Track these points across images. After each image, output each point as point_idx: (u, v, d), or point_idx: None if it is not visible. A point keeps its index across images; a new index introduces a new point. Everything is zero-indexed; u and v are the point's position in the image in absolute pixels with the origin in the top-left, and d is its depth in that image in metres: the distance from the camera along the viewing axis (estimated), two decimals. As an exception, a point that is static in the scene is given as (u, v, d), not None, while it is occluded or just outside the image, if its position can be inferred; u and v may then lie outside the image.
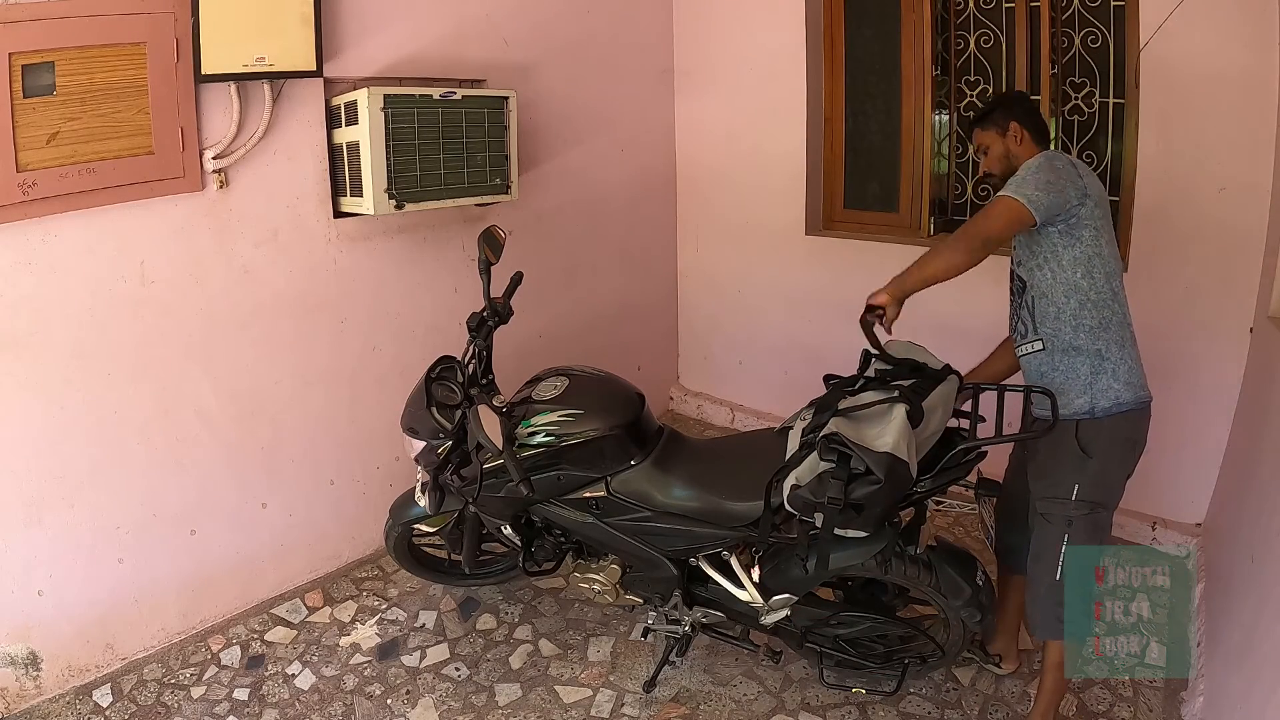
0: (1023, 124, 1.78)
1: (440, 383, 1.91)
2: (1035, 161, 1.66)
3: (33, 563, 2.04)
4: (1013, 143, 1.78)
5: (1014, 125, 1.78)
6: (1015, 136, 1.78)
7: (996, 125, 1.81)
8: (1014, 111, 1.80)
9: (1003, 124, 1.80)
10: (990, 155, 1.83)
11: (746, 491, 1.76)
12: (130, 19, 1.94)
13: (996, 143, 1.81)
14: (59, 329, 2.01)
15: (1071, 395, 1.69)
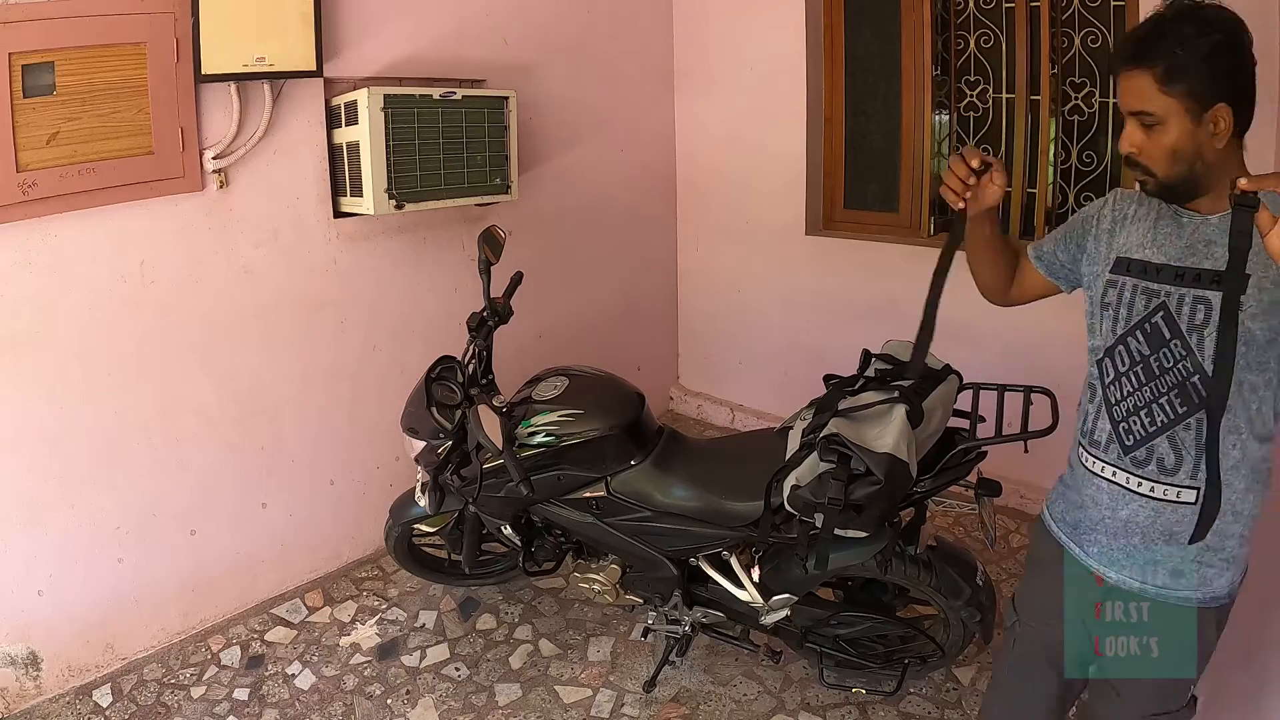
0: (1234, 109, 1.04)
1: (440, 383, 1.91)
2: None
3: (33, 563, 2.04)
4: (1208, 135, 1.05)
5: (1223, 109, 1.04)
6: (1215, 123, 1.04)
7: (1189, 90, 1.03)
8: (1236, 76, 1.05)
9: (1202, 94, 1.03)
10: (1157, 136, 1.07)
11: (746, 491, 1.76)
12: (130, 19, 1.94)
13: (1178, 120, 1.05)
14: (59, 329, 2.01)
15: (1210, 576, 1.17)
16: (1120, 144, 1.12)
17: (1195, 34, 1.02)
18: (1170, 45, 1.03)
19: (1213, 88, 1.03)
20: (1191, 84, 1.03)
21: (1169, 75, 1.03)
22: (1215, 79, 1.03)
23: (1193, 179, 1.09)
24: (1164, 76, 1.04)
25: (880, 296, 3.07)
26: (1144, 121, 1.08)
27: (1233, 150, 1.09)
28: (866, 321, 3.08)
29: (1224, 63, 1.03)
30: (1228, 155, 1.08)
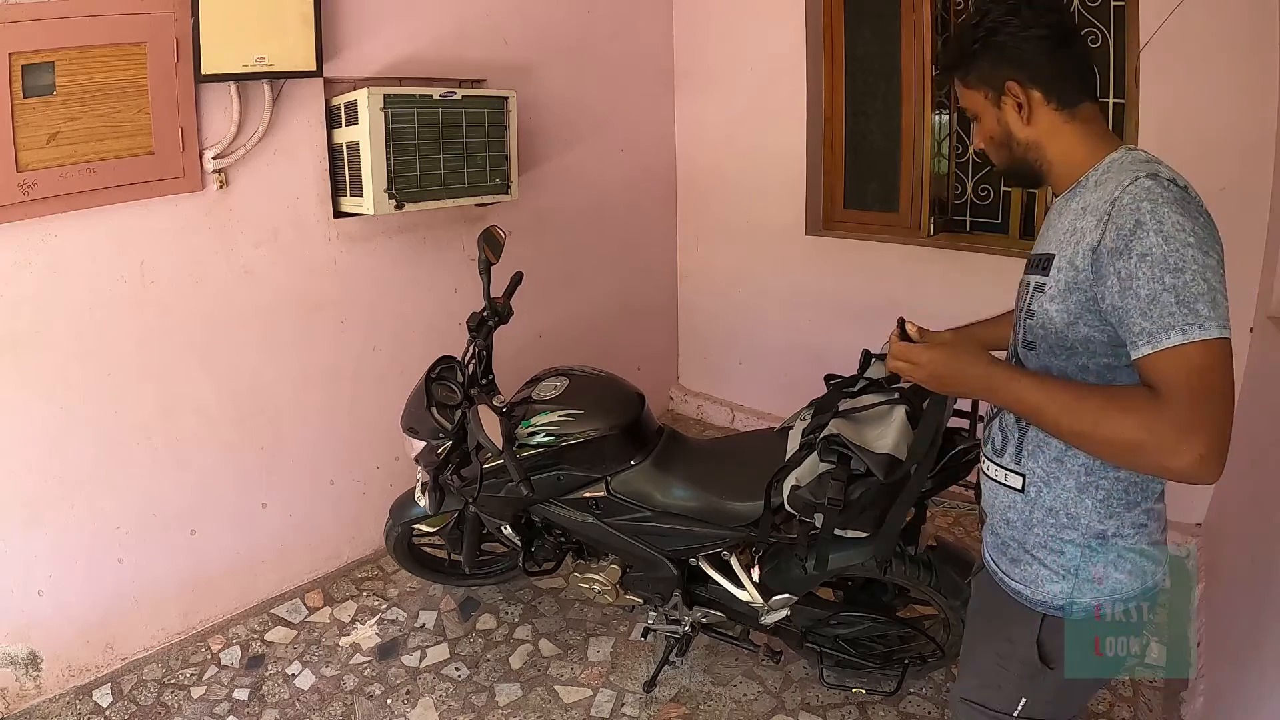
0: (1033, 82, 1.05)
1: (440, 383, 1.90)
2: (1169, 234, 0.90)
3: (33, 563, 2.04)
4: (1013, 114, 1.08)
5: (1013, 87, 1.06)
6: (1019, 103, 1.07)
7: (978, 77, 1.10)
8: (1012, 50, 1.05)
9: (989, 77, 1.08)
10: (980, 129, 1.15)
11: (746, 491, 1.76)
12: (130, 19, 1.94)
13: (983, 109, 1.12)
14: (59, 329, 2.01)
15: (1044, 577, 1.11)
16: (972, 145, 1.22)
17: (973, 26, 1.09)
18: (955, 44, 1.14)
19: (996, 69, 1.08)
20: (977, 71, 1.10)
21: (960, 71, 1.12)
22: (997, 59, 1.07)
23: (1021, 161, 1.12)
24: (959, 75, 1.13)
25: (880, 296, 3.07)
26: (971, 118, 1.16)
27: (1060, 124, 1.07)
28: (866, 321, 3.07)
29: (1000, 40, 1.06)
30: (1053, 130, 1.08)
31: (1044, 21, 1.05)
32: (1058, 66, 1.06)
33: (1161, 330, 0.90)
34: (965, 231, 3.00)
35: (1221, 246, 0.93)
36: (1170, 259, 0.90)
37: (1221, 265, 0.91)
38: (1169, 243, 0.90)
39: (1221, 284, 0.90)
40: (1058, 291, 1.02)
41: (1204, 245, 0.90)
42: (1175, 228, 0.90)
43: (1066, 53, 1.07)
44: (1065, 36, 1.07)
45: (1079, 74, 1.08)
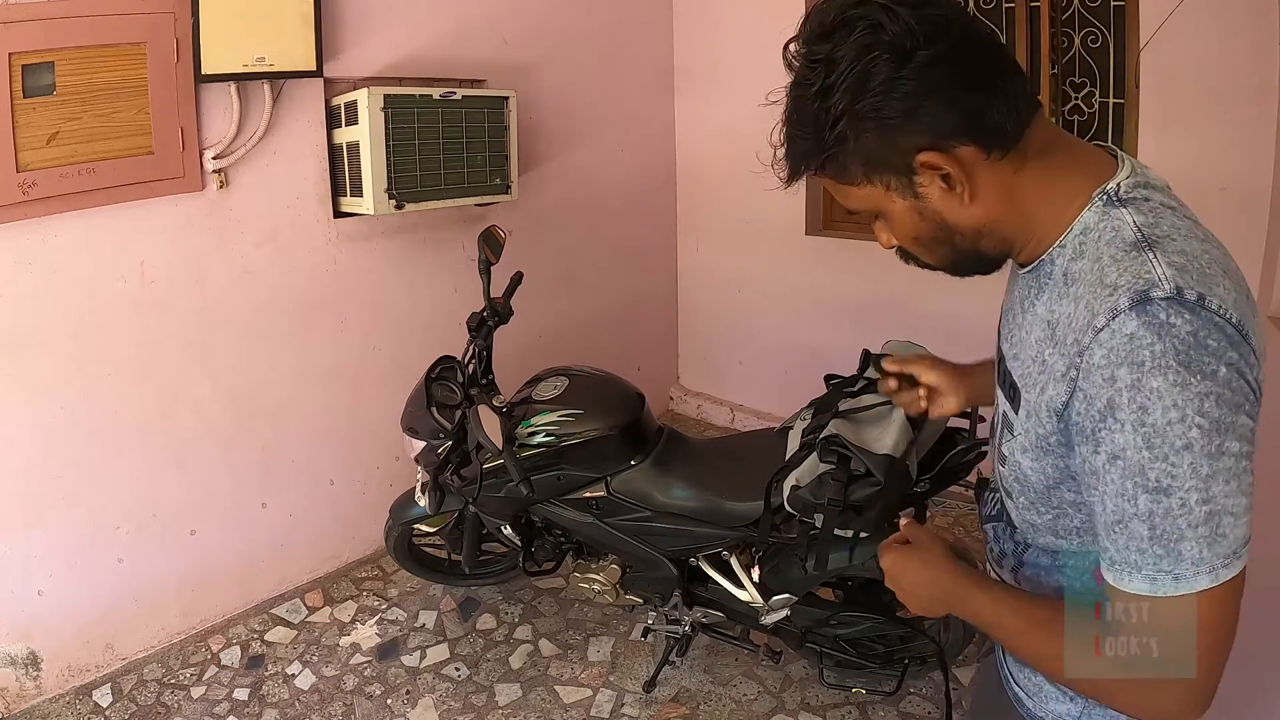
0: (955, 136, 0.67)
1: (440, 383, 1.91)
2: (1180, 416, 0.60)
3: (33, 563, 2.04)
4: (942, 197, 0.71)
5: (930, 159, 0.68)
6: (945, 176, 0.69)
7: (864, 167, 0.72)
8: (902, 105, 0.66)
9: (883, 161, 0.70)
10: (894, 229, 0.77)
11: (746, 491, 1.76)
12: (130, 19, 1.94)
13: (890, 204, 0.74)
14: (59, 329, 2.01)
15: (1049, 693, 0.84)
16: (880, 244, 0.81)
17: (818, 104, 0.69)
18: (804, 133, 0.73)
19: (888, 143, 0.68)
20: (859, 158, 0.71)
21: (834, 167, 0.73)
22: (883, 130, 0.67)
23: (974, 254, 0.76)
24: (832, 172, 0.74)
25: (880, 296, 3.07)
26: (870, 219, 0.79)
27: (1011, 176, 0.71)
28: (866, 321, 3.08)
29: (875, 102, 0.66)
30: (1007, 191, 0.71)
31: (930, 34, 0.64)
32: (979, 96, 0.66)
33: (1124, 565, 0.65)
34: (965, 231, 3.00)
35: (1254, 394, 0.62)
36: (1151, 472, 0.61)
37: (1251, 443, 0.62)
38: (1152, 446, 0.61)
39: (1241, 488, 0.62)
40: (1029, 444, 0.74)
41: (1216, 434, 0.60)
42: (1166, 418, 0.60)
43: (981, 65, 0.67)
44: (967, 41, 0.66)
45: (1011, 89, 0.68)
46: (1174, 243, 0.64)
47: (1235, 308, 0.62)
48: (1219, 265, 0.64)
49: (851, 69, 0.65)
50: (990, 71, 0.68)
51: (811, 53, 0.69)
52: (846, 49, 0.66)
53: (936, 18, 0.65)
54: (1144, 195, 0.68)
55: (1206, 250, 0.65)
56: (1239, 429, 0.61)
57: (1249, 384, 0.62)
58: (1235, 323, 0.61)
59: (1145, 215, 0.66)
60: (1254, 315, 0.63)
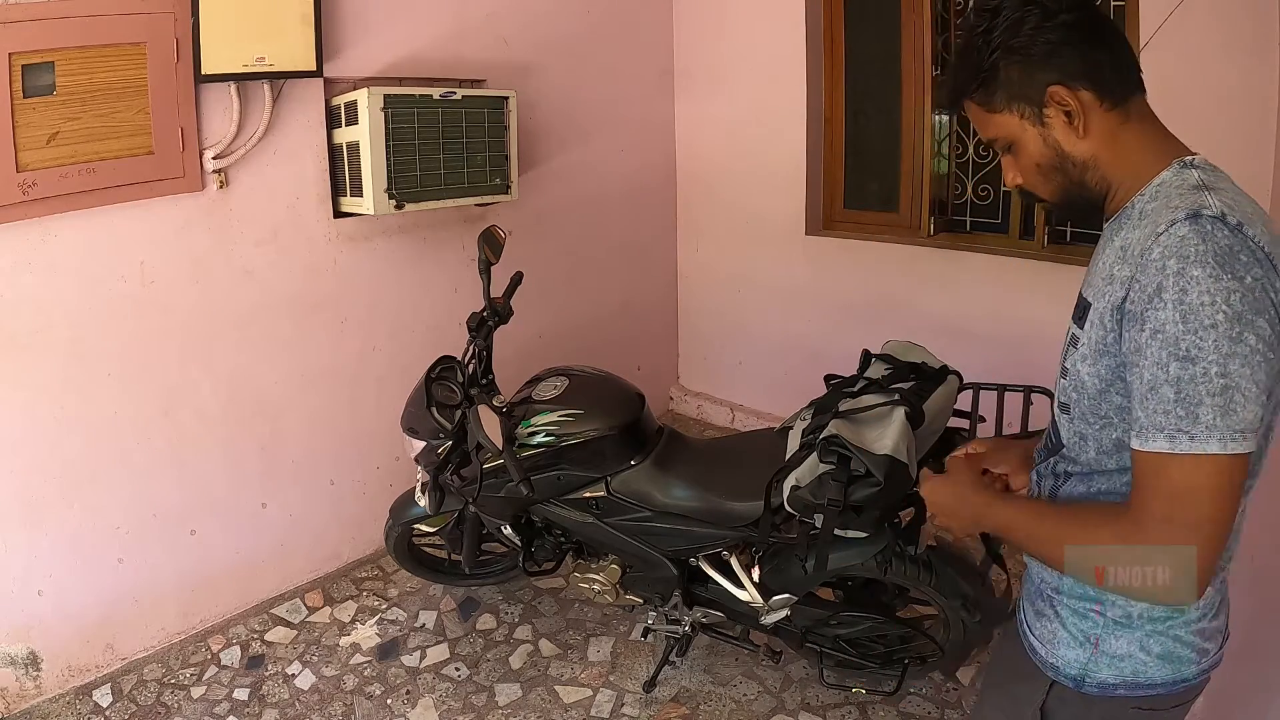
0: (1080, 81, 0.86)
1: (440, 383, 1.91)
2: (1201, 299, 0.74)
3: (33, 563, 2.04)
4: (1063, 128, 0.88)
5: (1059, 92, 0.86)
6: (1068, 112, 0.87)
7: (1008, 95, 0.89)
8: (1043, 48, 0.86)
9: (1023, 91, 0.88)
10: (1020, 159, 0.93)
11: (746, 491, 1.76)
12: (130, 19, 1.94)
13: (1022, 132, 0.90)
14: (59, 329, 2.01)
15: (1061, 639, 0.96)
16: (1005, 182, 0.98)
17: (982, 40, 0.89)
18: (966, 64, 0.92)
19: (1029, 76, 0.87)
20: (1005, 88, 0.89)
21: (983, 93, 0.90)
22: (1028, 64, 0.87)
23: (1080, 186, 0.91)
24: (980, 98, 0.91)
25: (880, 296, 3.07)
26: (1002, 149, 0.95)
27: (1116, 128, 0.87)
28: (866, 321, 3.08)
29: (1024, 39, 0.86)
30: (1111, 138, 0.87)
31: (1073, 4, 0.86)
32: (1102, 55, 0.86)
33: (1151, 429, 0.77)
34: (965, 231, 3.01)
35: (1276, 310, 0.75)
36: (1183, 342, 0.74)
37: (1269, 347, 0.74)
38: (1186, 320, 0.74)
39: (1255, 376, 0.73)
40: (1089, 350, 0.87)
41: (1238, 323, 0.73)
42: (1200, 300, 0.73)
43: (1106, 36, 0.87)
44: (1098, 16, 0.88)
45: (1125, 61, 0.88)
46: (1227, 193, 0.80)
47: (1268, 245, 0.76)
48: (1261, 219, 0.78)
49: (1010, 16, 0.86)
50: (1111, 41, 0.87)
51: (984, 2, 0.90)
52: (1009, 3, 0.87)
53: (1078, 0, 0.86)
54: (1212, 167, 0.85)
55: (1254, 208, 0.80)
56: (1258, 327, 0.73)
57: (1272, 300, 0.75)
58: (1267, 252, 0.76)
59: (1209, 174, 0.83)
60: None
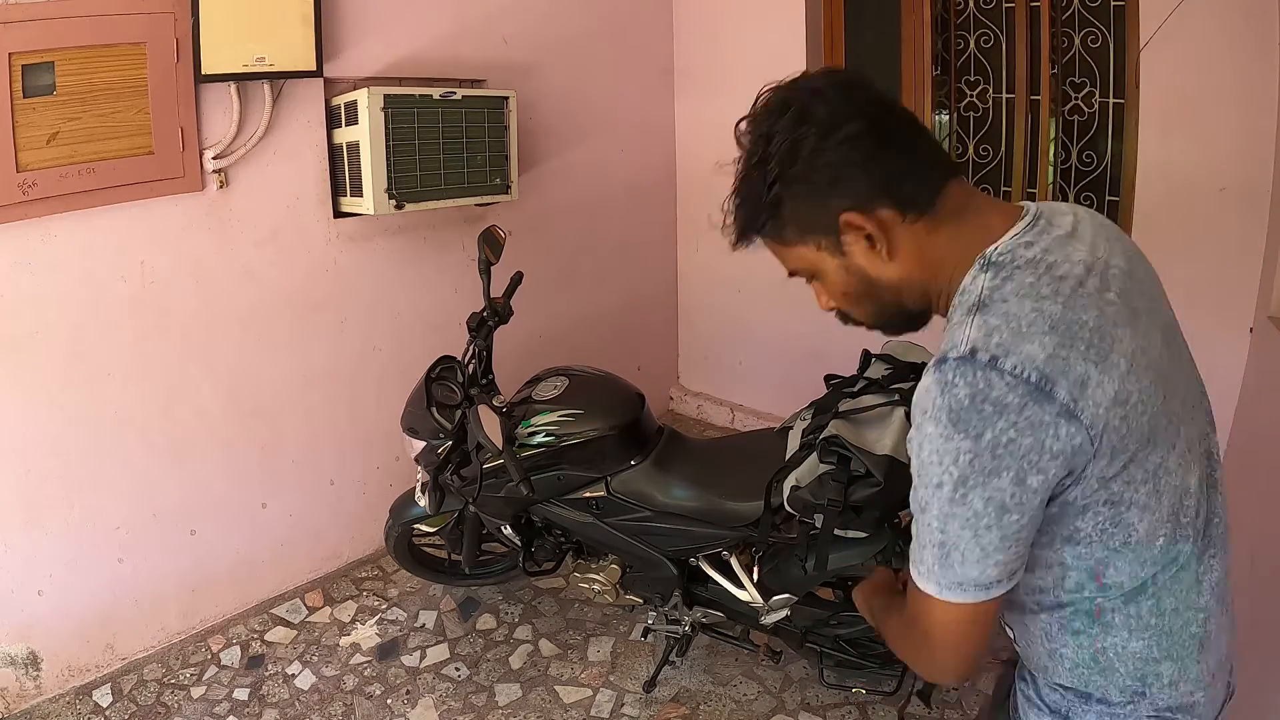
0: (875, 201, 0.78)
1: (440, 383, 1.91)
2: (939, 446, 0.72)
3: (33, 563, 2.04)
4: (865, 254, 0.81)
5: (852, 219, 0.78)
6: (868, 236, 0.79)
7: (798, 229, 0.82)
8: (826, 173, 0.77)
9: (812, 223, 0.81)
10: (828, 287, 0.87)
11: (746, 491, 1.76)
12: (130, 19, 1.94)
13: (823, 262, 0.84)
14: (59, 329, 2.01)
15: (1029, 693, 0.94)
16: (820, 306, 0.92)
17: (758, 172, 0.80)
18: (747, 199, 0.82)
19: (816, 206, 0.79)
20: (794, 221, 0.81)
21: (772, 228, 0.83)
22: (812, 194, 0.78)
23: (898, 306, 0.86)
24: (770, 233, 0.84)
25: (880, 296, 3.07)
26: (808, 279, 0.88)
27: (926, 234, 0.80)
28: (866, 321, 3.07)
29: (804, 169, 0.77)
30: (924, 247, 0.80)
31: (852, 113, 0.76)
32: (898, 164, 0.77)
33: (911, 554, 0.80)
34: (965, 231, 3.00)
35: (1022, 468, 0.70)
36: (918, 492, 0.76)
37: (1001, 510, 0.71)
38: (920, 474, 0.74)
39: (979, 540, 0.72)
40: None
41: (962, 486, 0.71)
42: (930, 458, 0.72)
43: (899, 139, 0.78)
44: (885, 114, 0.78)
45: (928, 159, 0.80)
46: (1003, 305, 0.73)
47: (1043, 365, 0.70)
48: (1047, 322, 0.71)
49: (784, 142, 0.77)
50: (906, 144, 0.79)
51: (754, 130, 0.80)
52: (781, 126, 0.77)
53: (859, 99, 0.78)
54: (1011, 259, 0.76)
55: (1039, 308, 0.72)
56: (991, 488, 0.70)
57: (1034, 441, 0.69)
58: (1034, 380, 0.69)
59: (998, 279, 0.75)
60: (1088, 364, 0.71)
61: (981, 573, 0.74)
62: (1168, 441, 0.77)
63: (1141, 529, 0.77)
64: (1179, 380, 0.82)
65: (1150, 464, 0.76)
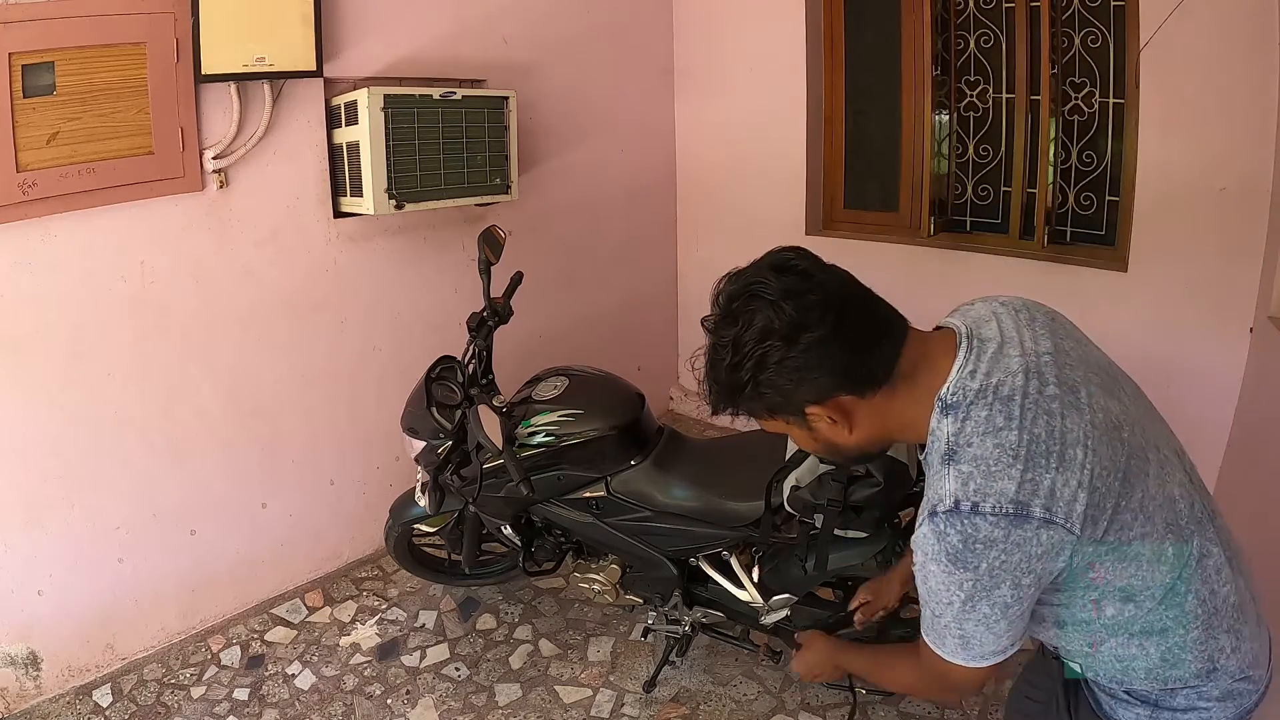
0: (836, 391, 0.90)
1: (440, 383, 1.91)
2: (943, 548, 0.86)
3: (33, 563, 2.04)
4: (829, 429, 0.94)
5: (816, 411, 0.92)
6: (829, 418, 0.92)
7: (770, 416, 0.96)
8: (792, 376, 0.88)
9: (782, 412, 0.94)
10: (801, 441, 1.02)
11: (746, 491, 1.76)
12: (130, 19, 1.94)
13: (796, 431, 0.98)
14: (59, 329, 2.01)
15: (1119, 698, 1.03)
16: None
17: (729, 374, 0.92)
18: (722, 389, 0.95)
19: (784, 400, 0.91)
20: (765, 409, 0.94)
21: (745, 409, 0.96)
22: (780, 393, 0.90)
23: (863, 455, 1.03)
24: (744, 411, 0.97)
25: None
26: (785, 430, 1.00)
27: (884, 402, 0.92)
28: (866, 321, 3.07)
29: (771, 375, 0.88)
30: (883, 413, 0.93)
31: (811, 321, 0.86)
32: (856, 358, 0.88)
33: (924, 625, 0.97)
34: (965, 231, 3.00)
35: (1016, 576, 0.85)
36: (930, 603, 0.92)
37: (1003, 608, 0.87)
38: (930, 596, 0.91)
39: (993, 629, 0.89)
40: None
41: (970, 600, 0.87)
42: (939, 585, 0.89)
43: (855, 335, 0.88)
44: (841, 314, 0.87)
45: (880, 333, 0.90)
46: (969, 449, 0.86)
47: (1015, 496, 0.83)
48: (1009, 455, 0.84)
49: (753, 352, 0.88)
50: (862, 334, 0.89)
51: (720, 337, 0.93)
52: (748, 336, 0.88)
53: (816, 303, 0.86)
54: (963, 396, 0.88)
55: (999, 443, 0.85)
56: (996, 595, 0.87)
57: (1022, 555, 0.84)
58: (1010, 512, 0.83)
59: (958, 423, 0.87)
60: (1052, 474, 0.84)
61: (997, 646, 0.91)
62: (1141, 474, 0.89)
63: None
64: (1127, 408, 0.93)
65: (1134, 502, 0.88)
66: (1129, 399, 0.95)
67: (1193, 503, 0.93)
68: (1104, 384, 0.92)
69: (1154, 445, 0.93)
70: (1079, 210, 2.71)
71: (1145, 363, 1.70)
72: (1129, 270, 2.47)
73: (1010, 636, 0.91)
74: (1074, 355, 0.92)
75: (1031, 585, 0.87)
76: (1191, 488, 0.95)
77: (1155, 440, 0.94)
